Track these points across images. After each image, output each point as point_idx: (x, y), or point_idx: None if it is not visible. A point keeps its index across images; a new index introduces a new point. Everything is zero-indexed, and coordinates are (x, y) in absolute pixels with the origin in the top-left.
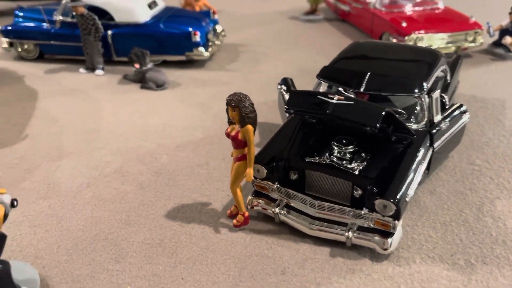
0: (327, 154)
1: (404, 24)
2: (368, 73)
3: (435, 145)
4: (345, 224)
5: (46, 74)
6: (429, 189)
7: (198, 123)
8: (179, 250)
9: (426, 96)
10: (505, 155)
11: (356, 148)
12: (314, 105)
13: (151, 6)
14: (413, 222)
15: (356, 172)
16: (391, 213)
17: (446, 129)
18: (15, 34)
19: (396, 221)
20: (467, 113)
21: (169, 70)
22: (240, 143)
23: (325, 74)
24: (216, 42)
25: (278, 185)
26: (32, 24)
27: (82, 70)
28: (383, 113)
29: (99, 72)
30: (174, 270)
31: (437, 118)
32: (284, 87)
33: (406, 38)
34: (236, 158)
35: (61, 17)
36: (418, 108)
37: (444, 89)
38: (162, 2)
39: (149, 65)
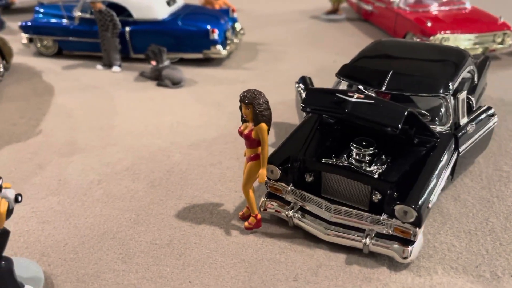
0: (345, 156)
1: (429, 24)
2: (390, 72)
3: (461, 149)
4: (362, 230)
5: (63, 70)
6: (453, 195)
7: (212, 122)
8: (188, 251)
9: (452, 98)
10: None
11: (376, 151)
12: (332, 103)
13: (169, 3)
14: (435, 230)
15: (376, 176)
16: (411, 220)
17: (472, 133)
18: (35, 30)
19: (417, 229)
20: (495, 116)
21: (186, 68)
22: (253, 142)
23: (345, 72)
24: (235, 40)
25: (293, 187)
26: (51, 20)
27: (99, 66)
28: (406, 113)
29: (116, 68)
30: (181, 272)
31: (463, 120)
32: (302, 86)
33: (431, 38)
34: (249, 157)
35: (80, 13)
36: (443, 109)
37: (471, 90)
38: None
39: (166, 63)
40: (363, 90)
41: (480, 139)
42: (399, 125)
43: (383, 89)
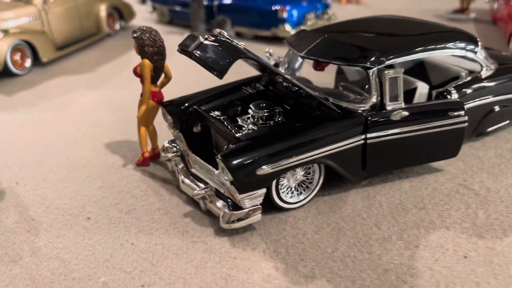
0: (246, 117)
1: None
2: (321, 38)
3: (371, 135)
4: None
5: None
6: (366, 194)
7: None
8: (96, 235)
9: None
10: None
11: (278, 116)
12: (190, 42)
13: None
14: (304, 214)
15: (238, 134)
16: (228, 180)
17: (404, 123)
18: None
19: (237, 193)
20: (463, 115)
21: (255, 44)
22: (141, 78)
23: (293, 37)
24: (309, 23)
25: (179, 133)
26: None
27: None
28: (231, 61)
29: None
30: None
31: (392, 104)
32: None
33: None
34: (141, 93)
35: None
36: (366, 86)
37: (470, 82)
38: None
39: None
40: (224, 33)
41: (431, 136)
42: (222, 72)
43: (303, 53)
